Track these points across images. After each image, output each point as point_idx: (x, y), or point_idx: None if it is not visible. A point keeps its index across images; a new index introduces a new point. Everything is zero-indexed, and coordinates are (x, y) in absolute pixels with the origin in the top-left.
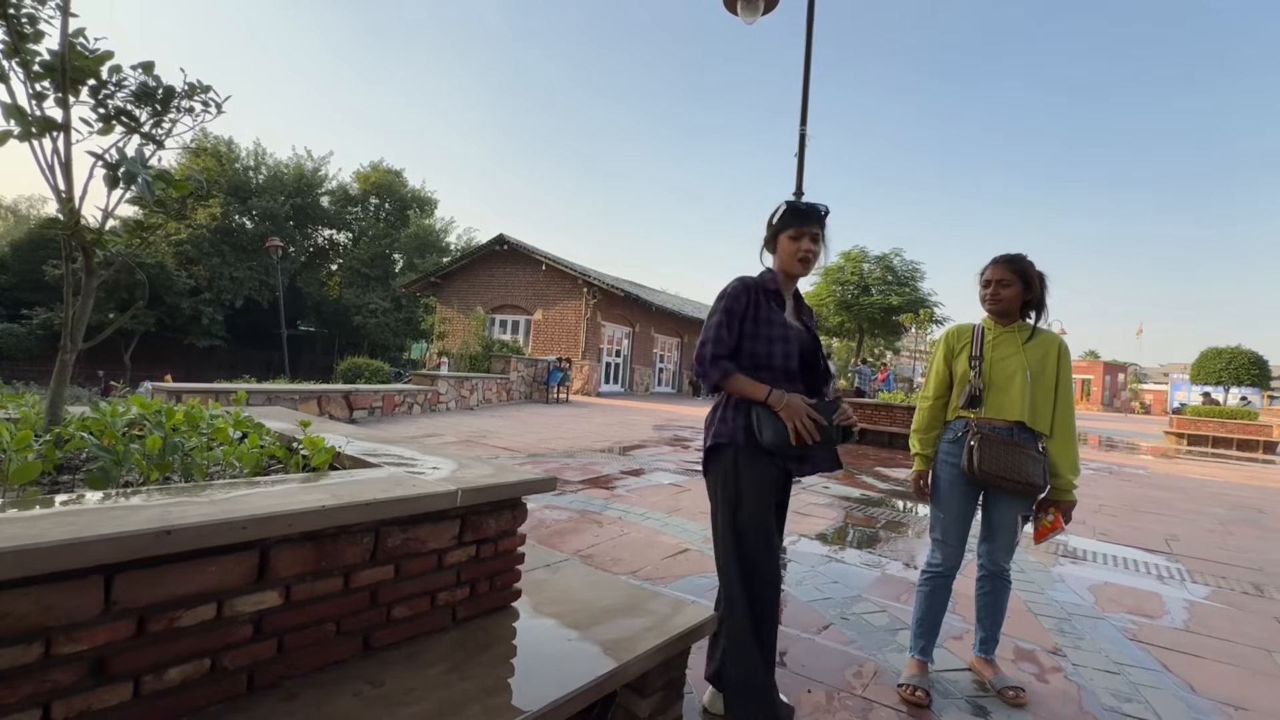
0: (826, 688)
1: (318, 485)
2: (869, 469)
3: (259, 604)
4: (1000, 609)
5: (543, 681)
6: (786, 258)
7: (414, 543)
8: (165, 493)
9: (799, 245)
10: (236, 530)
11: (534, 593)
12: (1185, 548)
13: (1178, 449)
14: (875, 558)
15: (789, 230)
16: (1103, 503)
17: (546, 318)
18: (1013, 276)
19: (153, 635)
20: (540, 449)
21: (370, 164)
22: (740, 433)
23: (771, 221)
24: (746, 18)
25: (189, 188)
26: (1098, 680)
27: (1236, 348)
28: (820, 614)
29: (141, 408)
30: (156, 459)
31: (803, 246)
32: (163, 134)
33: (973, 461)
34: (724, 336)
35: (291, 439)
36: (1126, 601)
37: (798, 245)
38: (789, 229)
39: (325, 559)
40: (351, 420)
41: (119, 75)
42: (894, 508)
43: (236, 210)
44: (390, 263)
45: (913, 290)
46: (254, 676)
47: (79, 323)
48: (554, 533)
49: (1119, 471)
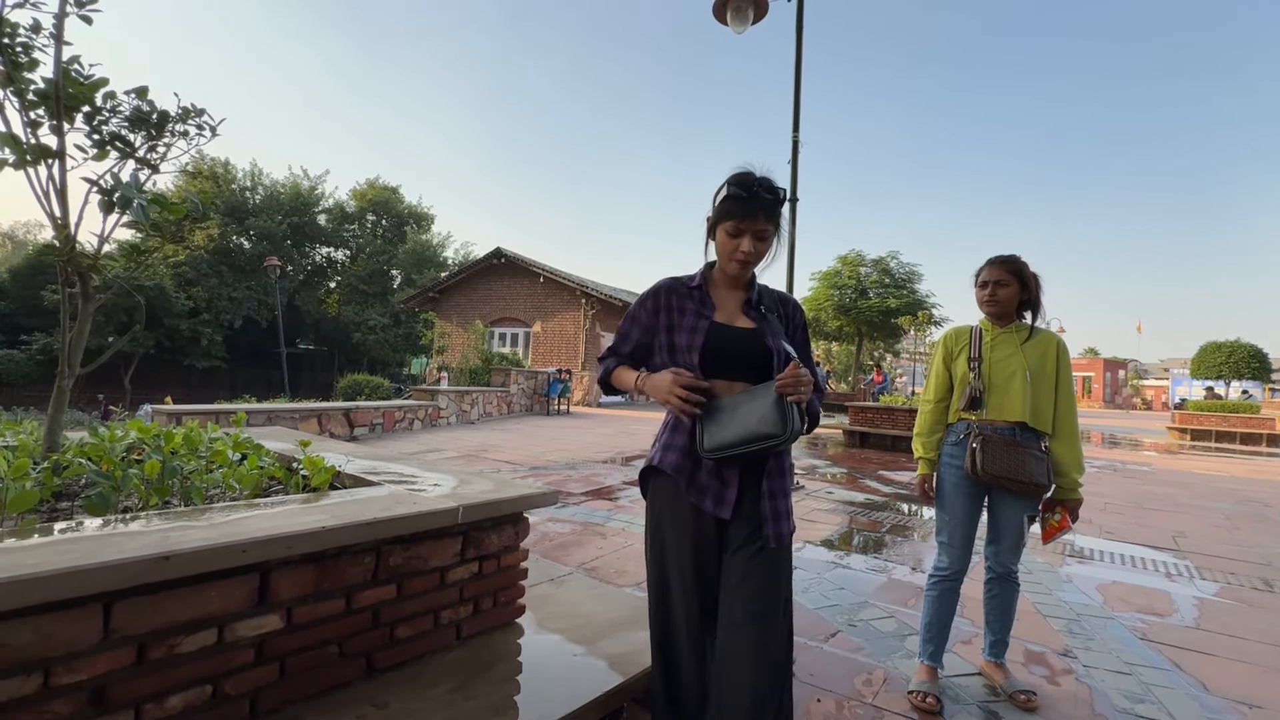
0: (836, 696)
1: (318, 506)
2: (872, 472)
3: (260, 627)
4: (1009, 611)
5: (548, 698)
6: (722, 254)
7: (416, 561)
8: (164, 517)
9: (736, 243)
10: (236, 554)
11: (538, 608)
12: (1193, 544)
13: (1181, 444)
14: (881, 562)
15: (728, 222)
16: (1108, 500)
17: (545, 329)
18: (1009, 277)
19: (153, 663)
20: (542, 461)
21: (366, 181)
22: (658, 450)
23: (714, 202)
24: (736, 27)
25: (184, 210)
26: (1109, 681)
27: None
28: (828, 621)
29: (140, 432)
30: (155, 484)
31: (740, 247)
32: (157, 158)
33: (976, 463)
34: (613, 341)
35: (291, 459)
36: (1136, 600)
37: (735, 243)
38: (727, 219)
39: (327, 580)
40: (352, 438)
41: (113, 101)
42: (899, 511)
43: (234, 231)
44: (388, 279)
45: (911, 292)
46: (256, 701)
47: (76, 347)
48: (557, 546)
49: (1123, 468)
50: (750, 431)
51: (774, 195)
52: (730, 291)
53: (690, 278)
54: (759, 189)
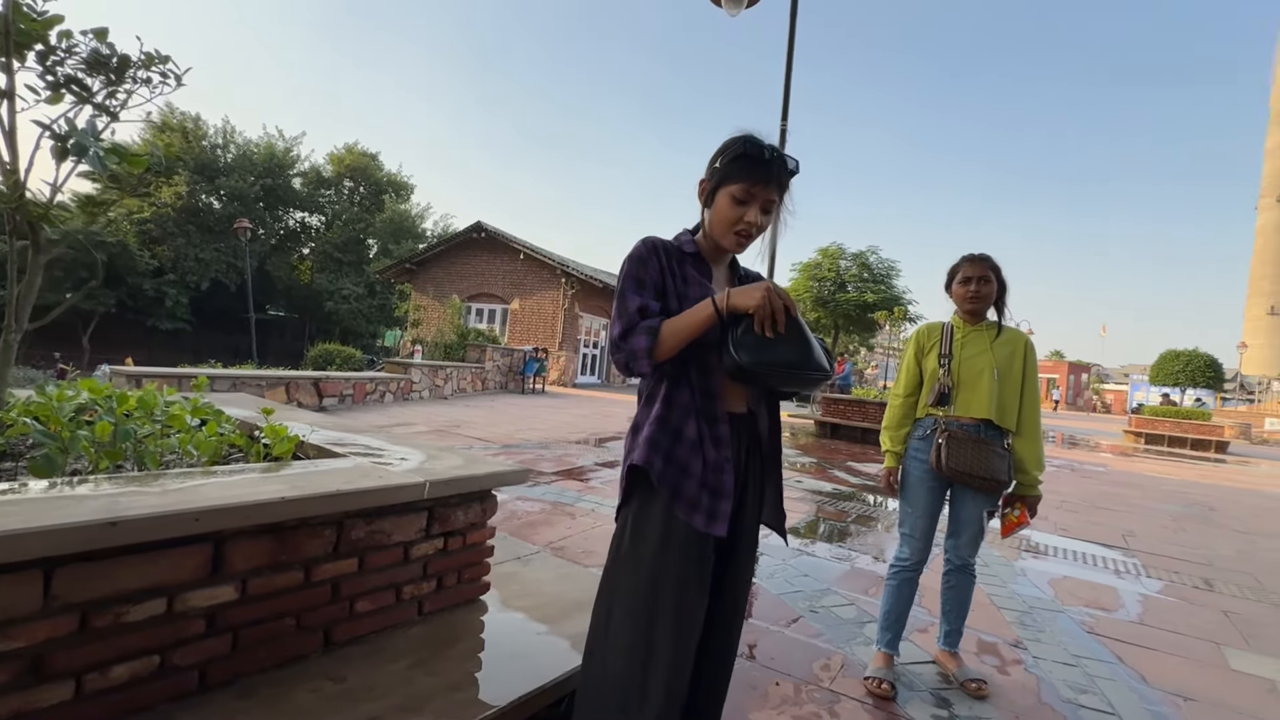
0: (794, 680)
1: (278, 475)
2: (841, 463)
3: (213, 598)
4: (965, 603)
5: (510, 676)
6: (721, 223)
7: (379, 535)
8: (115, 482)
9: (740, 213)
10: (189, 522)
11: (504, 586)
12: (1141, 543)
13: (1135, 447)
14: (845, 551)
15: (734, 185)
16: (1064, 498)
17: (524, 307)
18: (990, 274)
19: (97, 631)
20: (514, 440)
21: (345, 146)
22: (644, 447)
23: (715, 164)
24: (730, 9)
25: (145, 162)
26: (1056, 672)
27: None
28: (790, 607)
29: (92, 392)
30: (107, 447)
31: (745, 217)
32: (117, 105)
33: (941, 458)
34: (632, 304)
35: (254, 427)
36: (1085, 595)
37: (739, 212)
38: (735, 183)
39: (285, 552)
40: (321, 408)
41: (69, 41)
42: (865, 502)
43: (204, 190)
44: (364, 248)
45: (888, 288)
46: (207, 673)
47: (25, 301)
48: (526, 524)
49: (1080, 468)
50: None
51: (792, 165)
52: (718, 267)
53: (680, 241)
54: (776, 154)
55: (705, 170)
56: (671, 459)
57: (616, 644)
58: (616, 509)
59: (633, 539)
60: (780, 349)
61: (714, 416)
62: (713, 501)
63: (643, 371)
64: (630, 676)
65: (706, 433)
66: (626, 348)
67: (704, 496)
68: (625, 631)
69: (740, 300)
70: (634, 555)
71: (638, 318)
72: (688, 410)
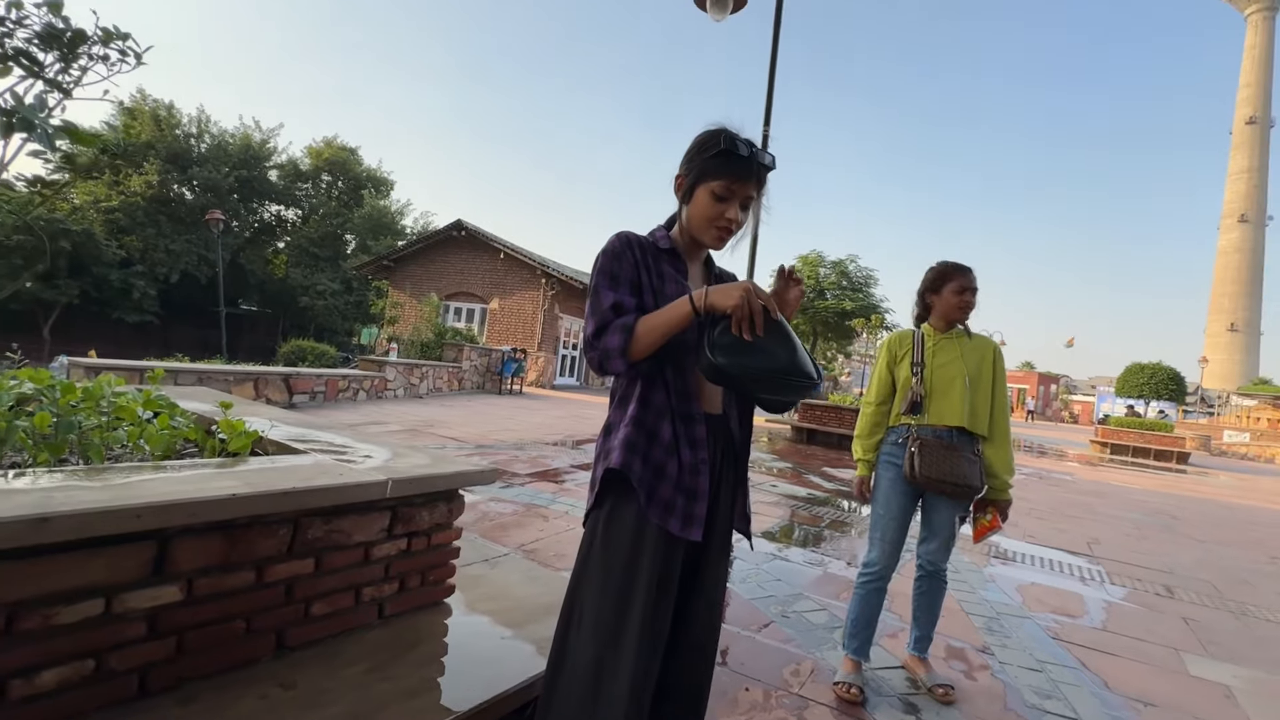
0: (764, 685)
1: (232, 471)
2: (817, 469)
3: (155, 599)
4: (936, 608)
5: (471, 682)
6: (700, 219)
7: (338, 535)
8: (54, 476)
9: (721, 209)
10: (129, 519)
11: (470, 588)
12: (1105, 551)
13: (1101, 457)
14: (818, 556)
15: (714, 181)
16: (1032, 506)
17: (503, 307)
18: (976, 285)
19: (24, 634)
20: (489, 440)
21: (323, 139)
22: (621, 450)
23: (692, 159)
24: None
25: (95, 141)
26: (1022, 678)
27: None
28: (762, 612)
29: (34, 381)
30: (49, 439)
31: (725, 214)
32: (70, 82)
33: (914, 467)
34: (605, 301)
35: (211, 422)
36: (1051, 601)
37: (719, 209)
38: (714, 179)
39: (235, 551)
40: (291, 405)
41: (19, 12)
42: (839, 508)
43: (175, 179)
44: (341, 243)
45: (866, 296)
46: (147, 678)
47: None
48: (497, 526)
49: (1048, 477)
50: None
51: (769, 161)
52: (694, 264)
53: (655, 236)
54: (755, 150)
55: (681, 165)
56: (648, 461)
57: (583, 649)
58: (585, 512)
59: (603, 542)
60: (760, 353)
61: (690, 417)
62: (688, 504)
63: (617, 370)
64: (596, 680)
65: (683, 434)
66: (600, 346)
67: (679, 499)
68: (592, 635)
69: (718, 299)
70: (604, 558)
71: (612, 315)
72: (663, 411)
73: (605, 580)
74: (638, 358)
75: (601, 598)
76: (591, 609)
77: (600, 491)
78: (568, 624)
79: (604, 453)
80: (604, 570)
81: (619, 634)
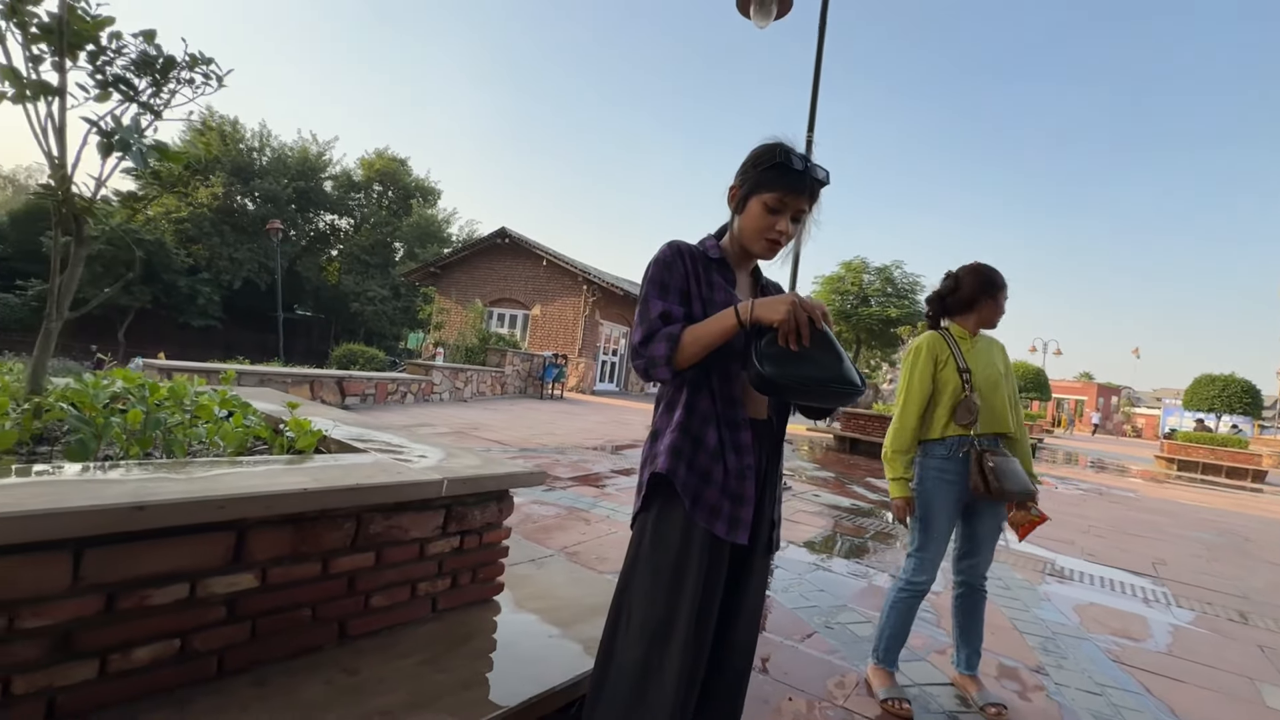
0: (807, 696)
1: (301, 468)
2: (860, 479)
3: (233, 585)
4: (981, 622)
5: (520, 678)
6: (752, 229)
7: (396, 531)
8: (144, 468)
9: (773, 221)
10: (213, 509)
11: (517, 587)
12: (1172, 572)
13: (1168, 473)
14: (862, 568)
15: (767, 194)
16: (1091, 523)
17: (545, 313)
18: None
19: (122, 612)
20: (532, 443)
21: (375, 151)
22: (667, 455)
23: (748, 171)
24: (759, 21)
25: (184, 159)
26: (1080, 700)
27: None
28: (805, 622)
29: (126, 381)
30: (137, 434)
31: (777, 225)
32: (161, 104)
33: (988, 482)
34: (654, 309)
35: (278, 421)
36: (1111, 623)
37: (771, 220)
38: (768, 191)
39: (304, 543)
40: (344, 406)
41: (119, 42)
42: (883, 519)
43: (239, 191)
44: (391, 251)
45: (912, 303)
46: (225, 660)
47: (66, 291)
48: (540, 528)
49: (1108, 493)
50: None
51: (823, 176)
52: (741, 274)
53: (705, 245)
54: (812, 165)
55: (736, 176)
56: (693, 466)
57: (630, 648)
58: (633, 515)
59: (651, 544)
60: (806, 362)
61: (735, 422)
62: (734, 508)
63: (662, 378)
64: (642, 678)
65: (728, 439)
66: (647, 354)
67: (725, 504)
68: (639, 635)
69: (764, 313)
70: (652, 561)
71: (660, 324)
72: (708, 417)
73: (653, 581)
74: (683, 366)
75: (649, 599)
76: (639, 609)
77: (647, 495)
78: (615, 624)
79: (650, 457)
80: (651, 572)
81: (665, 634)
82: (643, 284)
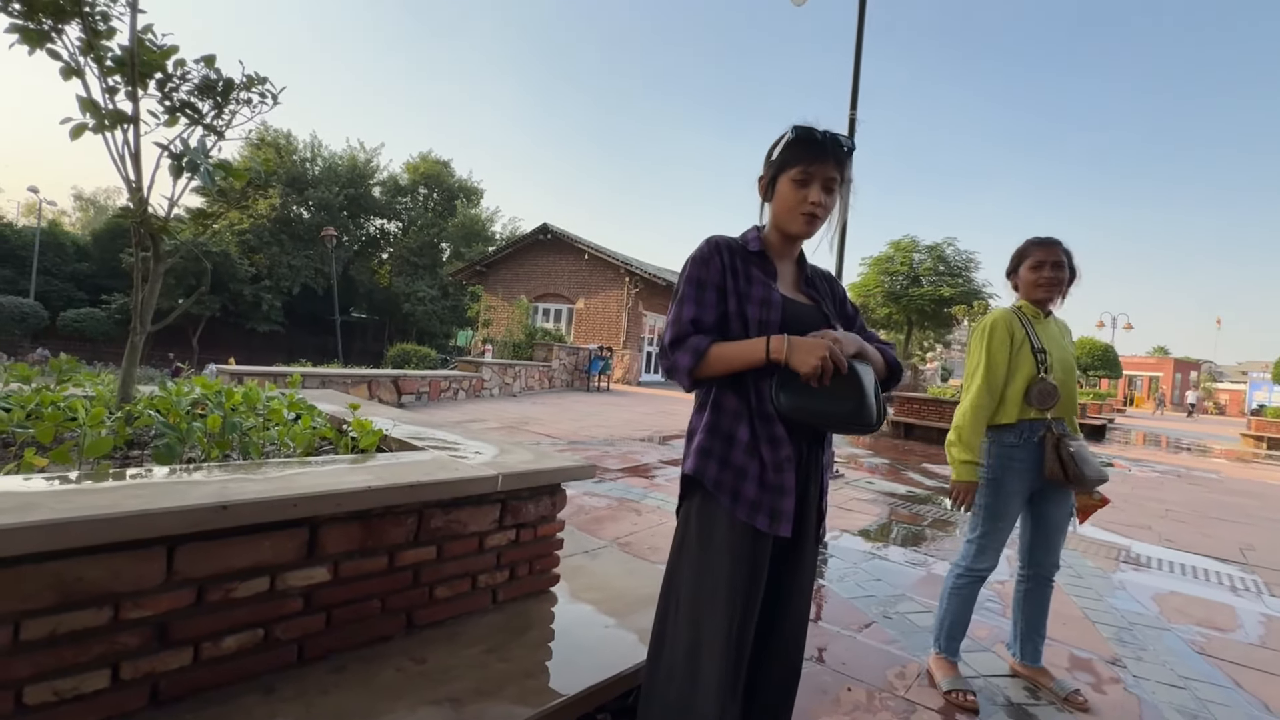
0: (867, 686)
1: (365, 466)
2: (915, 465)
3: (309, 579)
4: (1048, 611)
5: (579, 666)
6: (785, 209)
7: (456, 525)
8: (224, 469)
9: (804, 194)
10: (288, 507)
11: (572, 578)
12: (1263, 558)
13: (1256, 453)
14: (920, 556)
15: (792, 169)
16: (1169, 507)
17: (588, 306)
18: (1064, 258)
19: (211, 604)
20: (581, 436)
21: (419, 155)
22: (694, 456)
23: (771, 156)
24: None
25: (246, 176)
26: (1160, 694)
27: None
28: (862, 611)
29: (204, 388)
30: (217, 437)
31: (809, 197)
32: (223, 125)
33: (1068, 468)
34: (686, 313)
35: (342, 421)
36: (1195, 612)
37: (803, 193)
38: (792, 167)
39: (371, 538)
40: (400, 404)
41: (183, 69)
42: (941, 506)
43: (294, 201)
44: (438, 251)
45: (966, 281)
46: (304, 648)
47: (148, 306)
48: (593, 519)
49: (1188, 475)
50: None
51: (844, 141)
52: (785, 263)
53: (744, 239)
54: (828, 134)
55: (762, 166)
56: (727, 464)
57: (678, 640)
58: (677, 506)
59: (695, 533)
60: (824, 400)
61: (768, 416)
62: (775, 500)
63: (682, 385)
64: (694, 662)
65: (762, 433)
66: (671, 359)
67: (765, 497)
68: (686, 628)
69: (796, 362)
70: (694, 553)
71: (690, 329)
72: (739, 414)
73: (699, 568)
74: (703, 379)
75: (696, 585)
76: (687, 595)
77: (686, 488)
78: (665, 610)
79: (685, 456)
80: (697, 559)
81: (713, 619)
82: (679, 280)
